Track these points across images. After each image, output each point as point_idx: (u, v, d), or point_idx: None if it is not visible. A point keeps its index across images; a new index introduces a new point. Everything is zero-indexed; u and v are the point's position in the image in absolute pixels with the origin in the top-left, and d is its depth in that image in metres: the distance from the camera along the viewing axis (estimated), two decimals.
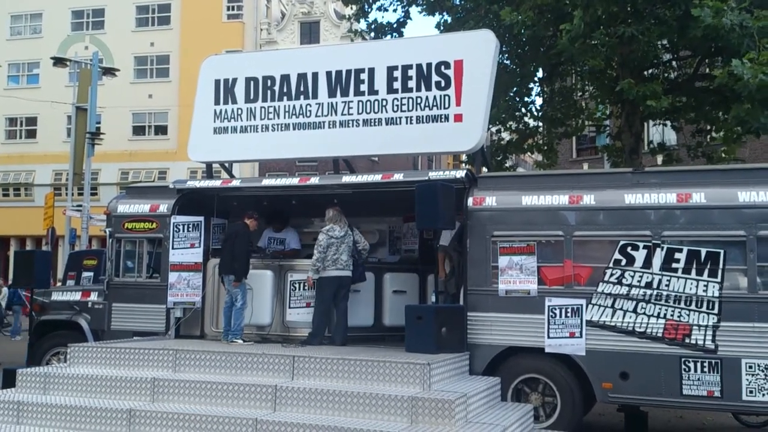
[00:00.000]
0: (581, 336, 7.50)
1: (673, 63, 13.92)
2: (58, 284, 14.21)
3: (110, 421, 6.97)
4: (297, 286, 8.97)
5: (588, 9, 10.60)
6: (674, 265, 7.33)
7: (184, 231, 9.23)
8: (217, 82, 9.93)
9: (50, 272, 10.98)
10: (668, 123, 14.68)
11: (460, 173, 8.43)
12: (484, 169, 9.46)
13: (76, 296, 10.05)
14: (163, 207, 9.51)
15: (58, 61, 24.40)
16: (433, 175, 8.44)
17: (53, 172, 36.16)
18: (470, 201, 8.17)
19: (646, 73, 12.89)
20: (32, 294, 10.20)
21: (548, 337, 7.61)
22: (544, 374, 7.75)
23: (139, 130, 36.90)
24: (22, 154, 37.20)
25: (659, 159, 16.80)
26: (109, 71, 24.32)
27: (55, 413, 7.19)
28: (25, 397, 7.53)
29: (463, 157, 15.41)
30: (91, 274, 11.53)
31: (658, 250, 7.39)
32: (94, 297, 9.81)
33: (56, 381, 7.72)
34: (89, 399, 7.41)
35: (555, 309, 7.61)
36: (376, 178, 8.84)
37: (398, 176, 8.62)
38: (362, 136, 9.13)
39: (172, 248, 9.18)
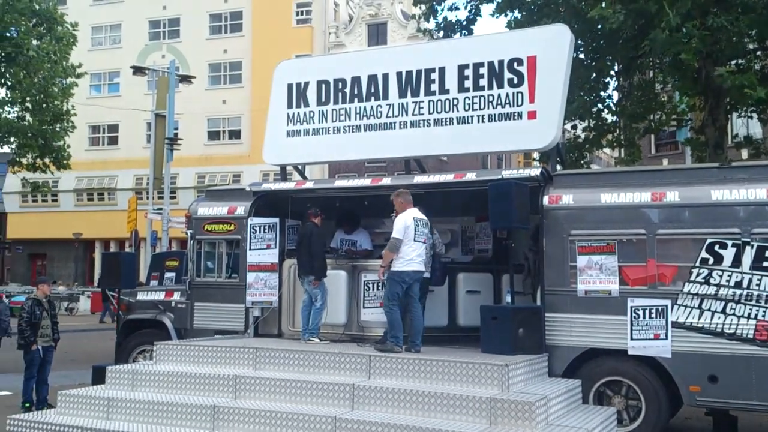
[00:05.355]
0: (667, 338, 7.23)
1: (758, 53, 13.24)
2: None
3: (196, 416, 7.19)
4: (370, 286, 9.00)
5: (678, 1, 10.20)
6: (765, 264, 6.98)
7: (260, 232, 9.42)
8: (290, 86, 10.07)
9: (135, 273, 11.41)
10: (754, 115, 13.98)
11: (535, 171, 8.29)
12: (559, 167, 9.24)
13: (160, 296, 10.40)
14: (241, 209, 9.74)
15: (137, 70, 25.30)
16: (507, 173, 8.32)
17: (134, 177, 37.76)
18: (546, 199, 8.01)
19: (731, 63, 12.31)
20: (119, 294, 10.64)
21: (631, 339, 7.38)
22: (628, 377, 7.53)
23: (213, 135, 38.06)
24: (105, 161, 39.02)
25: (744, 153, 16.02)
26: (186, 78, 24.97)
27: (144, 409, 7.47)
28: (114, 393, 7.85)
29: (535, 155, 15.13)
30: (173, 274, 11.94)
31: (748, 248, 7.05)
32: (177, 297, 10.12)
33: (143, 378, 8.02)
34: (175, 395, 7.66)
35: (638, 310, 7.37)
36: (449, 177, 8.77)
37: (471, 175, 8.55)
38: (433, 136, 9.08)
39: (250, 249, 9.36)
